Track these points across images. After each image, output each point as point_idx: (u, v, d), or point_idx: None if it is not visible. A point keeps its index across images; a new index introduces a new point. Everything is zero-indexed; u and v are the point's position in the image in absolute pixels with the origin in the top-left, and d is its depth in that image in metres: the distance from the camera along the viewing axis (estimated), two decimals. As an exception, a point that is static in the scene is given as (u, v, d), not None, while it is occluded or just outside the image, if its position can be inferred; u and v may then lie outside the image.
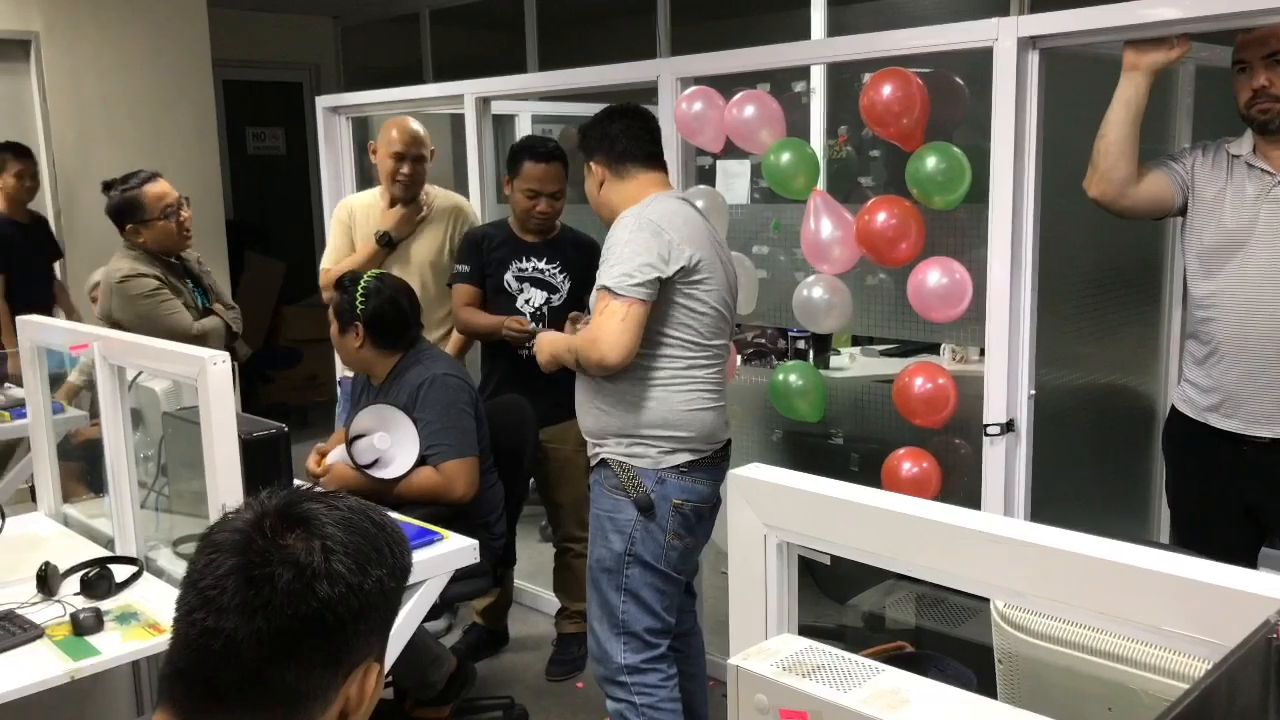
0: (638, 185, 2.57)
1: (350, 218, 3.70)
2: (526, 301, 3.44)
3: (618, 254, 2.43)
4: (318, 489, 1.13)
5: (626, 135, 2.58)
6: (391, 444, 2.91)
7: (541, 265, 3.45)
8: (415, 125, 3.63)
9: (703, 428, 2.53)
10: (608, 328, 2.40)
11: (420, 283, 3.51)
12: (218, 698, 0.98)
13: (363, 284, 3.02)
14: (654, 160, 2.63)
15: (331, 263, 3.68)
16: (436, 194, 3.75)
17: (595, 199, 2.65)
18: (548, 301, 3.43)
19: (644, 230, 2.43)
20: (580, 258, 3.45)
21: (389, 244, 3.60)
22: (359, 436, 2.90)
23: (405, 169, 3.57)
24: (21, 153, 4.93)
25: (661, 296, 2.45)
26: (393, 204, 3.63)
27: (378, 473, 2.89)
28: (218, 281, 3.82)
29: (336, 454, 2.98)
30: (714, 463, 2.57)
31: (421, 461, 2.93)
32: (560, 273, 3.46)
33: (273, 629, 0.97)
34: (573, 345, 2.55)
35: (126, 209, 3.40)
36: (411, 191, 3.62)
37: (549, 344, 2.65)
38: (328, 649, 1.00)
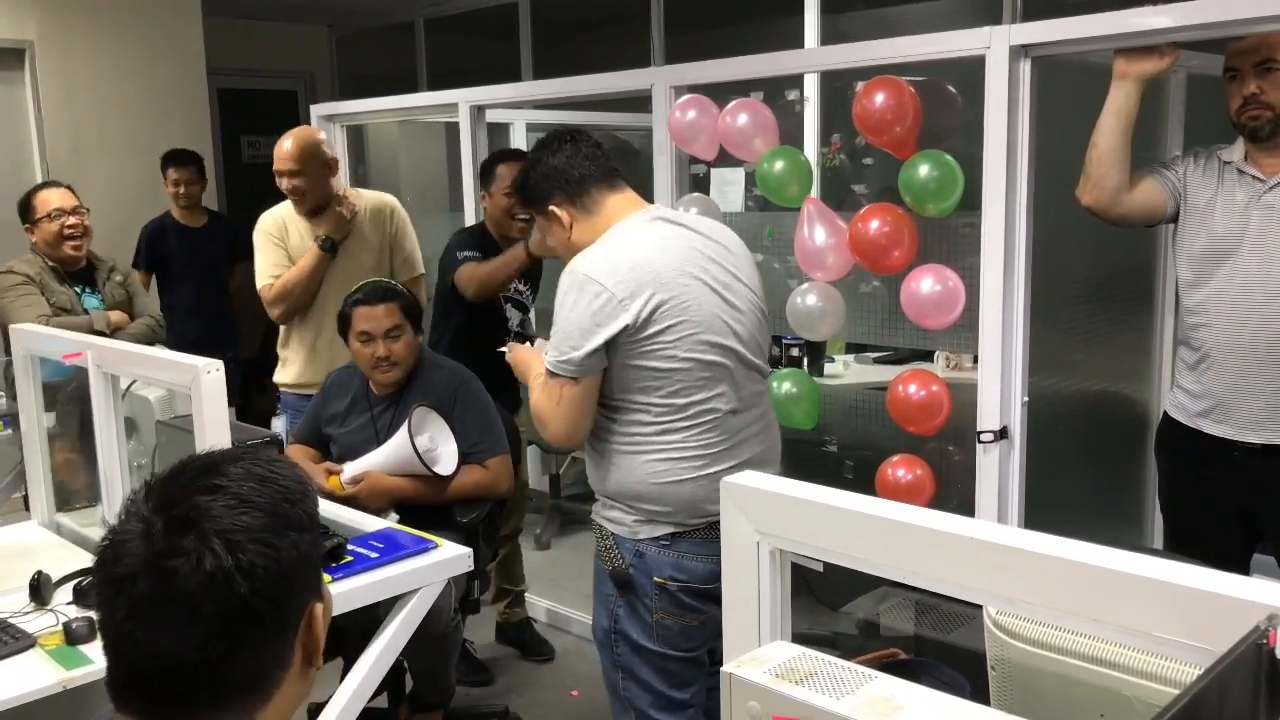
0: (605, 216, 2.17)
1: (282, 229, 3.58)
2: (506, 320, 3.50)
3: (556, 318, 2.10)
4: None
5: (576, 159, 2.17)
6: (439, 444, 2.97)
7: (520, 286, 3.54)
8: (289, 143, 3.53)
9: (680, 501, 2.08)
10: (545, 409, 2.12)
11: None
12: (179, 707, 0.97)
13: None
14: (613, 177, 2.21)
15: (273, 277, 3.54)
16: (362, 196, 3.69)
17: (568, 248, 2.20)
18: (522, 323, 3.51)
19: (577, 289, 2.05)
20: (537, 275, 3.61)
21: (332, 248, 3.52)
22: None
23: (284, 184, 3.53)
24: (182, 159, 4.94)
25: (613, 359, 2.05)
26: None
27: (436, 469, 2.94)
28: (140, 296, 4.03)
29: (356, 466, 2.97)
30: (710, 536, 2.06)
31: (463, 458, 3.00)
32: (532, 294, 3.58)
33: (207, 636, 0.95)
34: (533, 398, 2.22)
35: (20, 211, 3.78)
36: (306, 205, 3.56)
37: (524, 365, 2.31)
38: (268, 627, 0.99)
